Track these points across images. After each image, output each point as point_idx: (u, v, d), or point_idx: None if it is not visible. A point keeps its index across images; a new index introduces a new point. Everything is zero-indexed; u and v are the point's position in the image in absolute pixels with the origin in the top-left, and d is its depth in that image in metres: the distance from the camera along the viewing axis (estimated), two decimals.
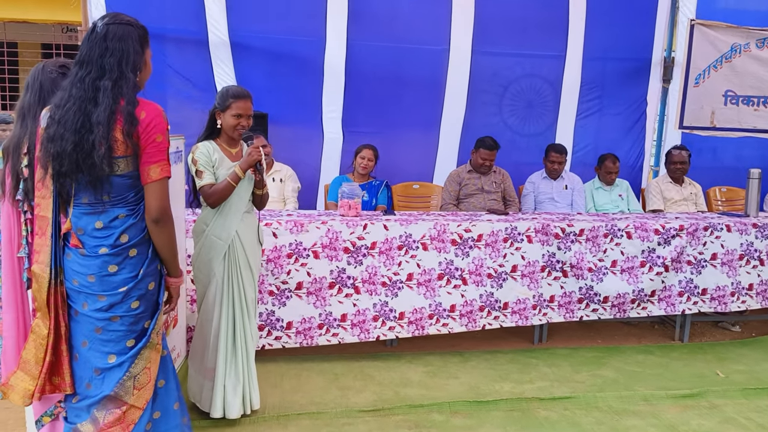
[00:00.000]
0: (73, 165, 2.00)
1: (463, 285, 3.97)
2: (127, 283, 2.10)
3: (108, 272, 2.08)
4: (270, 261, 3.66)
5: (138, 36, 2.10)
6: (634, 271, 4.20)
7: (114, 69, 2.02)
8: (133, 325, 2.13)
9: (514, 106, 5.54)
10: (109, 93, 2.00)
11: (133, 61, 2.07)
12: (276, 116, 5.00)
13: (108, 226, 2.08)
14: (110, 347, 2.10)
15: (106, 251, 2.07)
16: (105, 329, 2.10)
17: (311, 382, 3.58)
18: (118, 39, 2.04)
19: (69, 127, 1.99)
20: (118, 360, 2.10)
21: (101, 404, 2.11)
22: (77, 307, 2.11)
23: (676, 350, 4.31)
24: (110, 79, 2.01)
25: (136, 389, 2.12)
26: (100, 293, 2.08)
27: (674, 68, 5.65)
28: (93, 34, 2.05)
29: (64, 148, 1.99)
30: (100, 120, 1.98)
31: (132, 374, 2.11)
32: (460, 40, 5.24)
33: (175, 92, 4.94)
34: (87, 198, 2.07)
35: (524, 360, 4.01)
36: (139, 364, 2.13)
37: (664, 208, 5.14)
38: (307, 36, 5.03)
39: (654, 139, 5.90)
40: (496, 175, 4.97)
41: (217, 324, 2.96)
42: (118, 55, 2.03)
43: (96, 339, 2.10)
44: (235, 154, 3.01)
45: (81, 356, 2.12)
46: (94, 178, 2.02)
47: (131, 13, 4.65)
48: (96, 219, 2.08)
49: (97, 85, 2.01)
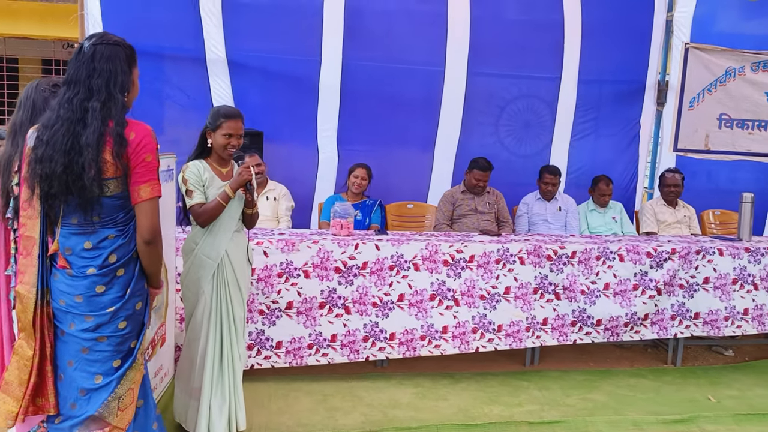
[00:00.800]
0: (63, 187, 2.00)
1: (455, 306, 3.96)
2: (115, 303, 2.09)
3: (96, 292, 2.07)
4: (260, 280, 3.65)
5: (125, 56, 2.11)
6: (626, 294, 4.19)
7: (102, 90, 2.02)
8: (120, 345, 2.12)
9: (511, 126, 5.57)
10: (98, 114, 2.00)
11: (121, 81, 2.07)
12: (271, 134, 5.03)
13: (97, 247, 2.08)
14: (97, 367, 2.09)
15: (94, 272, 2.06)
16: (92, 349, 2.09)
17: (299, 402, 3.55)
18: (106, 59, 2.05)
19: (58, 148, 1.99)
20: (104, 380, 2.09)
21: (84, 425, 2.09)
22: (64, 327, 2.10)
23: (669, 374, 4.28)
24: (98, 100, 2.01)
25: (119, 410, 2.11)
26: (88, 313, 2.07)
27: (668, 91, 5.69)
28: (80, 55, 2.06)
29: (54, 169, 1.99)
30: (90, 142, 1.98)
31: (117, 395, 2.10)
32: (455, 61, 5.28)
33: (173, 110, 4.98)
34: (76, 219, 2.06)
35: (515, 382, 3.98)
36: (125, 384, 2.12)
37: (658, 230, 5.14)
38: (303, 55, 5.06)
39: (648, 162, 5.92)
40: (490, 196, 4.97)
41: (204, 343, 2.94)
42: (105, 76, 2.04)
43: (82, 359, 2.09)
44: (225, 173, 3.02)
45: (66, 376, 2.10)
46: (84, 201, 2.02)
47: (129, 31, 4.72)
48: (85, 239, 2.07)
49: (85, 106, 2.01)
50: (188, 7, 4.82)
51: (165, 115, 4.98)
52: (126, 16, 4.69)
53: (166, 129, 4.94)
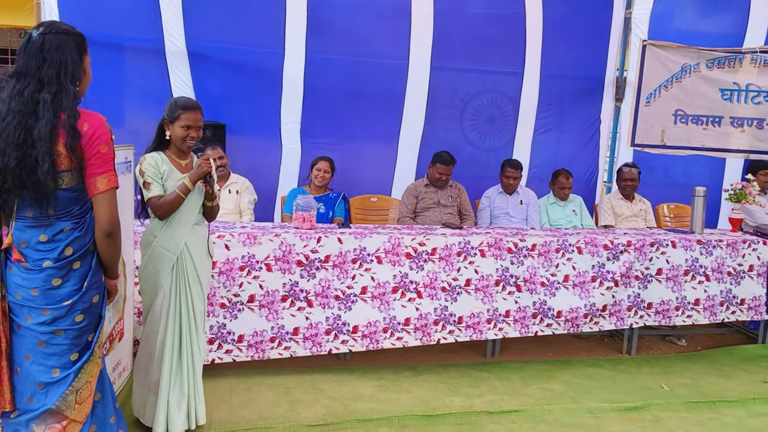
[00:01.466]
0: (16, 181, 1.97)
1: (417, 298, 3.99)
2: (72, 296, 2.08)
3: (52, 285, 2.05)
4: (222, 273, 3.63)
5: (75, 45, 2.06)
6: (585, 285, 4.28)
7: (53, 81, 1.99)
8: (77, 338, 2.11)
9: (475, 121, 5.62)
10: (49, 106, 1.96)
11: (72, 71, 2.03)
12: (234, 127, 4.99)
13: (52, 240, 2.05)
14: (54, 361, 2.08)
15: (50, 264, 2.04)
16: (49, 343, 2.07)
17: (261, 396, 3.55)
18: (56, 49, 2.01)
19: (10, 142, 1.96)
20: (62, 374, 2.08)
21: (41, 419, 2.08)
22: (20, 321, 2.07)
23: (624, 363, 4.40)
24: (49, 92, 1.98)
25: (77, 404, 2.10)
26: (44, 307, 2.05)
27: (626, 87, 5.82)
28: (29, 45, 2.01)
29: (7, 164, 1.96)
30: (42, 135, 1.95)
31: (74, 388, 2.09)
32: (419, 55, 5.31)
33: (132, 101, 4.89)
34: (31, 212, 2.04)
35: (476, 373, 4.04)
36: (82, 378, 2.11)
37: (615, 223, 5.26)
38: (265, 47, 5.03)
39: (607, 156, 6.04)
40: (453, 190, 5.02)
41: (162, 336, 2.92)
42: (56, 67, 2.00)
43: (40, 353, 2.07)
44: (185, 165, 2.98)
45: (23, 370, 2.08)
46: (39, 194, 1.99)
47: (86, 20, 4.63)
48: (40, 232, 2.05)
49: (36, 98, 1.97)
50: None
51: (124, 107, 4.89)
52: (83, 5, 4.57)
53: (125, 120, 4.85)
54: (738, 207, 4.97)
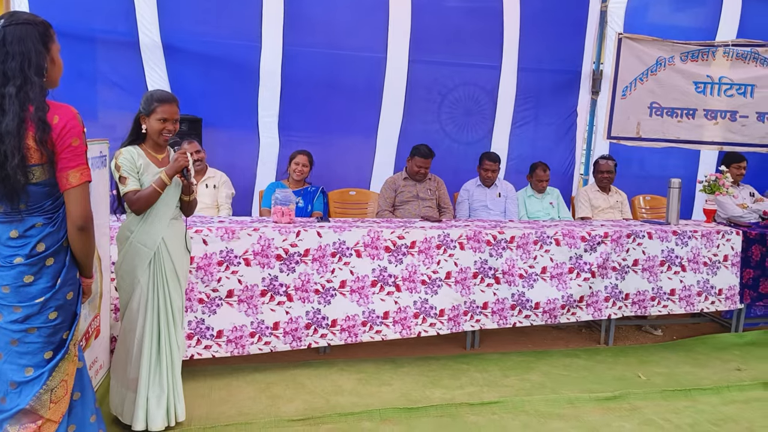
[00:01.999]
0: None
1: (396, 292, 3.99)
2: (44, 293, 2.04)
3: (24, 283, 2.01)
4: (200, 268, 3.59)
5: (39, 34, 2.00)
6: (563, 277, 4.32)
7: (17, 74, 1.94)
8: (51, 336, 2.07)
9: (452, 114, 5.64)
10: (14, 100, 1.92)
11: (37, 63, 1.98)
12: (211, 120, 4.94)
13: (24, 236, 2.01)
14: (27, 360, 2.04)
15: (22, 261, 2.00)
16: (21, 341, 2.03)
17: (241, 391, 3.52)
18: (18, 41, 1.95)
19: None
20: (35, 373, 2.04)
21: (15, 418, 2.04)
22: None
23: (601, 353, 4.45)
24: (14, 85, 1.93)
25: (52, 403, 2.06)
26: (16, 304, 2.01)
27: (602, 80, 5.88)
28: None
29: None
30: (10, 129, 1.91)
31: (49, 387, 2.05)
32: (397, 48, 5.30)
33: (105, 95, 4.82)
34: (2, 207, 1.99)
35: (456, 366, 4.06)
36: (57, 376, 2.07)
37: (592, 215, 5.31)
38: (242, 40, 4.98)
39: (584, 149, 6.10)
40: (431, 183, 5.03)
41: (141, 333, 2.88)
42: (19, 59, 1.94)
43: (12, 351, 2.03)
44: (161, 159, 2.94)
45: None
46: (9, 190, 1.95)
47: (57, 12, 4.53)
48: (11, 228, 2.01)
49: (1, 92, 1.93)
50: None
51: (98, 100, 4.81)
52: None
53: (99, 114, 4.78)
54: (712, 198, 5.05)
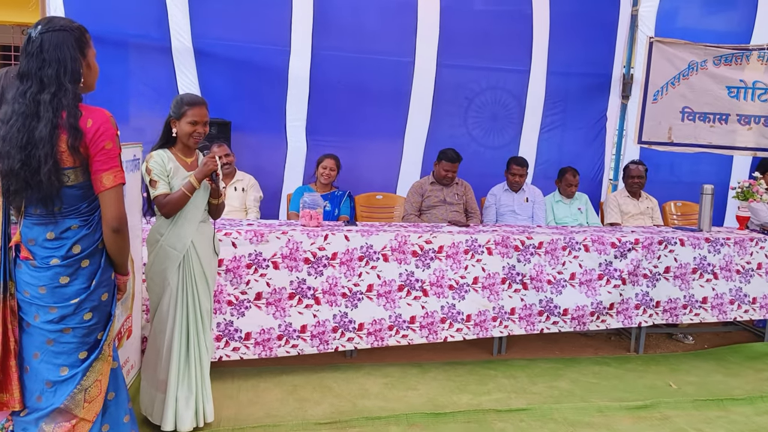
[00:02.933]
0: (21, 183, 1.97)
1: (423, 296, 3.98)
2: (80, 294, 2.07)
3: (59, 284, 2.04)
4: (229, 271, 3.62)
5: (74, 40, 2.04)
6: (592, 283, 4.27)
7: (53, 81, 1.98)
8: (86, 336, 2.10)
9: (479, 118, 5.61)
10: (48, 107, 1.95)
11: (71, 69, 2.01)
12: (240, 124, 4.98)
13: (60, 237, 2.05)
14: (62, 359, 2.07)
15: (58, 262, 2.04)
16: (57, 341, 2.06)
17: (269, 393, 3.54)
18: (54, 48, 1.99)
19: (14, 144, 1.96)
20: (70, 372, 2.07)
21: (50, 417, 2.07)
22: (29, 319, 2.07)
23: (631, 362, 4.38)
24: (49, 92, 1.97)
25: (86, 402, 2.09)
26: (52, 305, 2.05)
27: (633, 85, 5.80)
28: (29, 45, 2.00)
29: (12, 166, 1.96)
30: (43, 136, 1.95)
31: (83, 387, 2.08)
32: (425, 53, 5.29)
33: (137, 99, 4.89)
34: (38, 210, 2.03)
35: (483, 371, 4.03)
36: (91, 376, 2.10)
37: (621, 221, 5.24)
38: (271, 44, 5.02)
39: (613, 154, 6.02)
40: (459, 187, 5.01)
41: (170, 335, 2.91)
42: (55, 66, 1.98)
43: (48, 351, 2.06)
44: (190, 163, 2.97)
45: (32, 369, 2.07)
46: (44, 194, 1.99)
47: (92, 17, 4.62)
48: (47, 230, 2.04)
49: (38, 99, 1.97)
50: None
51: (129, 104, 4.88)
52: (88, 1, 4.57)
53: (131, 118, 4.86)
54: (745, 205, 4.95)
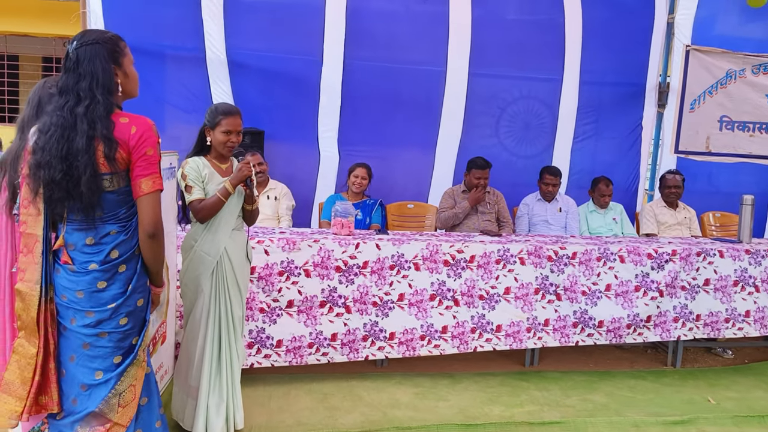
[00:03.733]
0: (63, 192, 2.03)
1: (455, 306, 3.95)
2: (116, 299, 2.10)
3: (97, 288, 2.08)
4: (261, 278, 3.64)
5: (107, 52, 2.09)
6: (628, 295, 4.19)
7: (87, 94, 2.04)
8: (121, 341, 2.12)
9: (511, 127, 5.57)
10: (83, 119, 2.02)
11: (104, 82, 2.07)
12: (272, 133, 5.03)
13: (99, 242, 2.09)
14: (97, 363, 2.10)
15: (96, 267, 2.07)
16: (93, 345, 2.09)
17: (299, 401, 3.54)
18: (88, 61, 2.05)
19: (55, 154, 2.01)
20: (104, 376, 2.09)
21: (85, 421, 2.10)
22: (65, 323, 2.10)
23: (668, 376, 4.28)
24: (84, 105, 2.03)
25: (120, 407, 2.11)
26: (89, 309, 2.08)
27: (669, 93, 5.70)
28: (67, 62, 2.08)
29: (53, 176, 2.01)
30: (81, 147, 2.01)
31: (117, 391, 2.10)
32: (457, 62, 5.29)
33: (172, 108, 4.98)
34: (79, 215, 2.08)
35: (515, 383, 3.98)
36: (125, 381, 2.12)
37: (658, 232, 5.14)
38: (304, 55, 5.06)
39: (649, 163, 5.92)
40: (490, 196, 4.97)
41: (202, 341, 2.93)
42: (89, 79, 2.04)
43: (84, 355, 2.09)
44: (225, 169, 3.01)
45: (68, 372, 2.11)
46: (85, 204, 2.04)
47: (130, 29, 4.71)
48: (87, 235, 2.08)
49: (75, 112, 2.03)
50: (189, 5, 4.82)
51: (165, 113, 4.97)
52: (127, 14, 4.68)
53: (166, 127, 4.94)
54: None
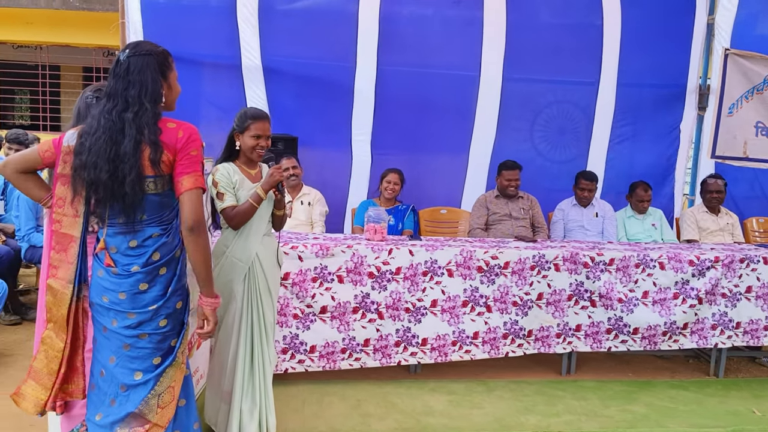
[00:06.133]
0: (108, 193, 2.08)
1: (487, 312, 3.91)
2: (157, 301, 2.14)
3: (139, 290, 2.12)
4: (295, 284, 3.65)
5: (157, 64, 2.16)
6: (666, 302, 4.09)
7: (135, 101, 2.09)
8: (161, 342, 2.16)
9: (545, 132, 5.51)
10: (132, 124, 2.08)
11: (152, 91, 2.13)
12: (306, 139, 5.05)
13: (141, 245, 2.13)
14: (137, 364, 2.13)
15: (138, 269, 2.12)
16: (133, 346, 2.13)
17: (333, 407, 3.54)
18: (139, 71, 2.12)
19: (102, 156, 2.07)
20: (144, 377, 2.13)
21: (125, 422, 2.13)
22: (106, 324, 2.14)
23: (711, 386, 4.15)
24: (133, 111, 2.09)
25: (159, 408, 2.14)
26: (130, 310, 2.12)
27: (710, 95, 5.56)
28: (117, 68, 2.14)
29: (99, 176, 2.07)
30: (128, 150, 2.06)
31: (156, 392, 2.14)
32: (490, 66, 5.25)
33: (208, 115, 5.05)
34: (122, 218, 2.12)
35: (551, 392, 3.91)
36: (164, 382, 2.15)
37: (700, 238, 5.01)
38: (337, 60, 5.09)
39: (689, 167, 5.78)
40: (524, 201, 4.91)
41: (235, 346, 2.93)
42: (138, 87, 2.10)
43: (124, 356, 2.13)
44: (254, 175, 3.01)
45: (108, 372, 2.14)
46: (128, 205, 2.09)
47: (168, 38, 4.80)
48: (130, 238, 2.13)
49: (123, 117, 2.09)
50: (226, 15, 4.89)
51: (201, 120, 5.04)
52: (166, 24, 4.77)
53: (202, 134, 4.99)
54: None
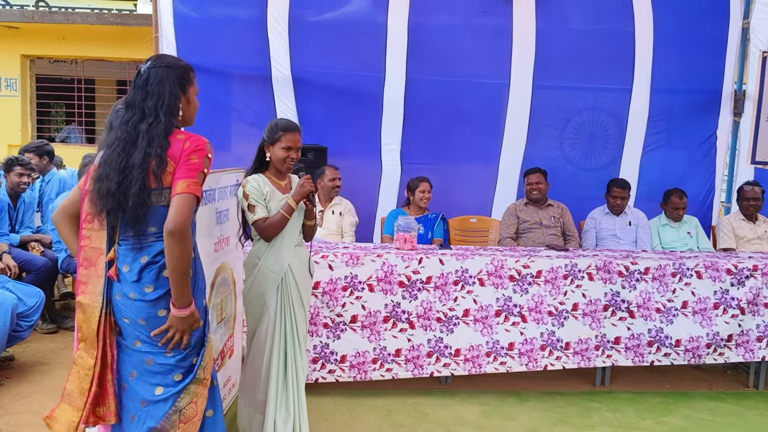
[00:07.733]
0: (115, 203, 2.07)
1: (522, 322, 3.86)
2: None
3: (158, 316, 2.11)
4: (325, 293, 3.66)
5: (177, 77, 2.16)
6: (707, 313, 3.99)
7: (151, 112, 2.10)
8: (182, 360, 2.14)
9: (576, 139, 5.45)
10: (144, 135, 2.07)
11: (169, 103, 2.12)
12: (335, 149, 5.07)
13: (153, 261, 2.11)
14: (158, 379, 2.13)
15: (151, 289, 2.10)
16: (155, 362, 2.12)
17: (364, 417, 3.53)
18: (157, 83, 2.12)
19: (113, 167, 2.07)
20: (164, 393, 2.11)
21: None
22: (128, 343, 2.14)
23: (751, 398, 4.04)
24: (147, 122, 2.09)
25: (182, 423, 2.12)
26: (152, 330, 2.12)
27: (746, 101, 5.44)
28: (138, 79, 2.14)
29: (109, 187, 2.07)
30: (136, 162, 2.06)
31: (178, 408, 2.12)
32: (520, 75, 5.22)
33: (238, 126, 5.11)
34: (132, 232, 2.10)
35: (585, 403, 3.84)
36: (185, 398, 2.14)
37: (737, 246, 4.89)
38: (367, 70, 5.11)
39: (725, 174, 5.65)
40: (555, 209, 4.86)
41: (269, 357, 2.94)
42: (155, 99, 2.10)
43: (145, 371, 2.13)
44: (284, 186, 3.01)
45: (129, 387, 2.14)
46: (131, 216, 2.07)
47: (200, 51, 4.86)
48: (141, 254, 2.11)
49: (138, 128, 2.09)
50: (256, 27, 4.95)
51: (232, 132, 5.10)
52: (198, 37, 4.85)
53: (232, 145, 5.07)
54: None
